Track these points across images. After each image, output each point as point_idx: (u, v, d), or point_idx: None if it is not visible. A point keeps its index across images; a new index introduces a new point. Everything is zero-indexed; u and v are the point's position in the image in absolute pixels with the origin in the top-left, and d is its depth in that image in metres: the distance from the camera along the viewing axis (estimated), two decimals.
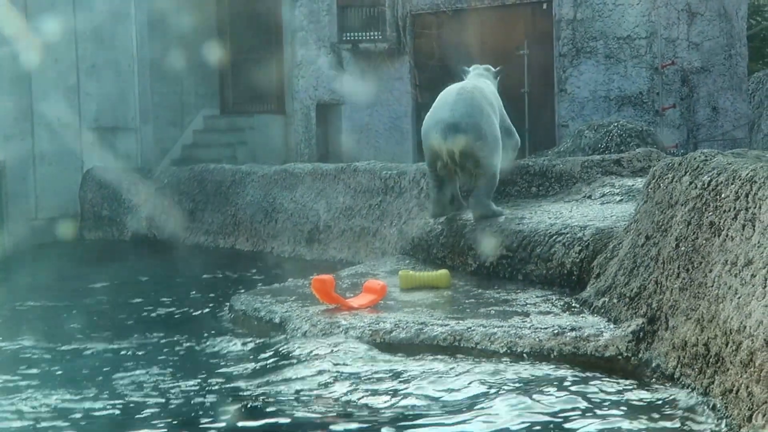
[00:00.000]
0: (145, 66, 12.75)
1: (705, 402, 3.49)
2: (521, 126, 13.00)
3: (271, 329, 5.48)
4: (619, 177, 7.68)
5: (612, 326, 4.53)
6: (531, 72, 13.01)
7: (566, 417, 3.62)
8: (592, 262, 5.57)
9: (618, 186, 7.37)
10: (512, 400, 3.80)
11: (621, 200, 7.01)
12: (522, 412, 3.68)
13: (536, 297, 5.59)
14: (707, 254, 3.79)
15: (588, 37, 12.62)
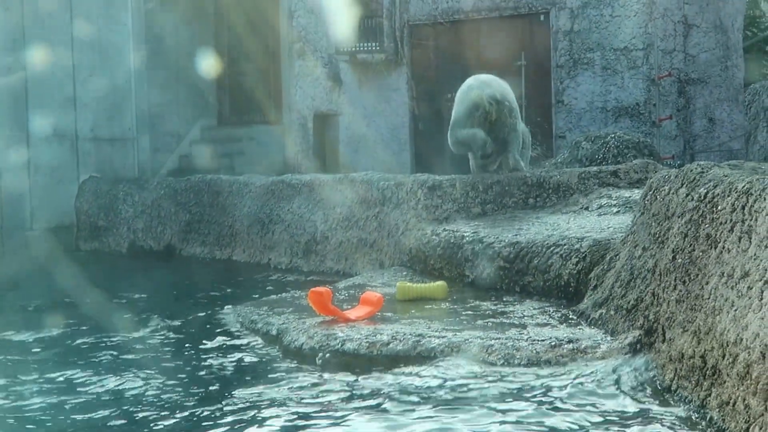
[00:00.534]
0: (142, 76, 12.76)
1: (702, 414, 3.48)
2: None
3: (268, 341, 5.47)
4: (616, 188, 7.69)
5: (609, 338, 4.52)
6: (528, 83, 13.04)
7: (562, 429, 3.61)
8: (590, 274, 5.56)
9: (615, 197, 7.37)
10: (508, 411, 3.79)
11: (618, 212, 7.01)
12: (515, 425, 3.67)
13: (533, 309, 5.59)
14: (704, 266, 3.78)
15: (585, 49, 12.64)
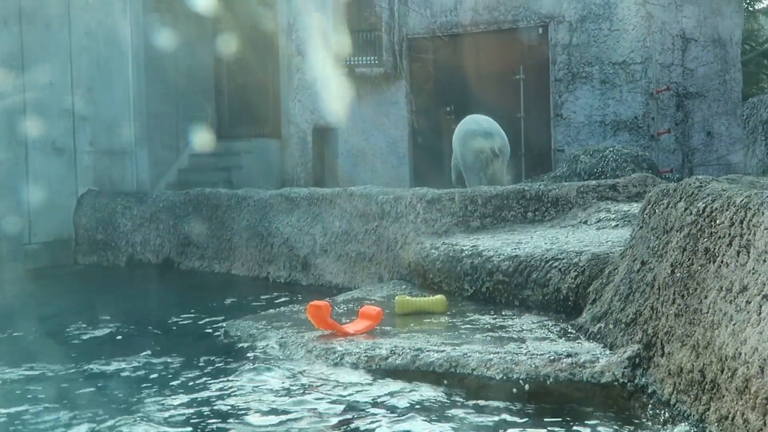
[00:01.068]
0: (141, 89, 12.77)
1: (701, 429, 3.48)
2: (517, 150, 13.08)
3: (266, 355, 5.46)
4: (615, 202, 7.69)
5: (608, 352, 4.52)
6: (527, 97, 13.07)
7: None
8: (588, 288, 5.56)
9: (614, 211, 7.38)
10: (506, 425, 3.79)
11: (617, 225, 7.02)
12: None
13: (532, 323, 5.58)
14: (702, 280, 3.79)
15: (583, 62, 12.67)
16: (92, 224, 11.70)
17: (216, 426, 4.20)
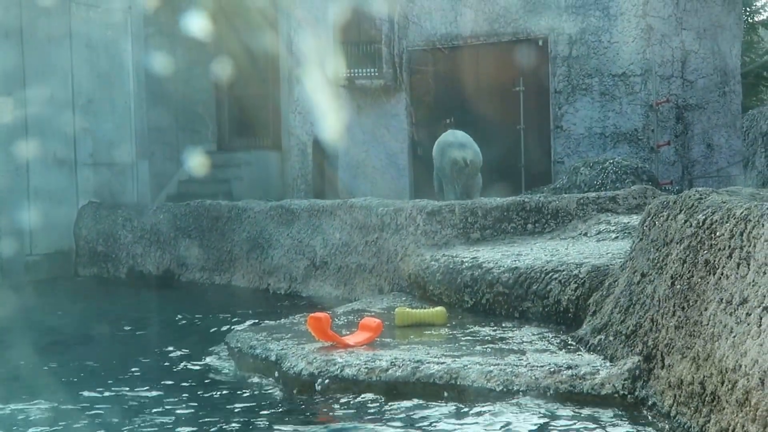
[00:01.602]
0: (142, 101, 12.79)
1: None
2: (517, 162, 13.10)
3: (267, 367, 5.46)
4: (615, 214, 7.70)
5: (608, 364, 4.52)
6: (527, 109, 13.08)
7: None
8: (588, 300, 5.56)
9: (614, 223, 7.39)
10: None
11: (617, 237, 7.03)
12: None
13: (532, 334, 5.59)
14: (702, 292, 3.79)
15: (583, 75, 12.69)
16: (93, 236, 11.70)
17: None
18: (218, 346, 6.43)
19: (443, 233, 7.90)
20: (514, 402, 4.32)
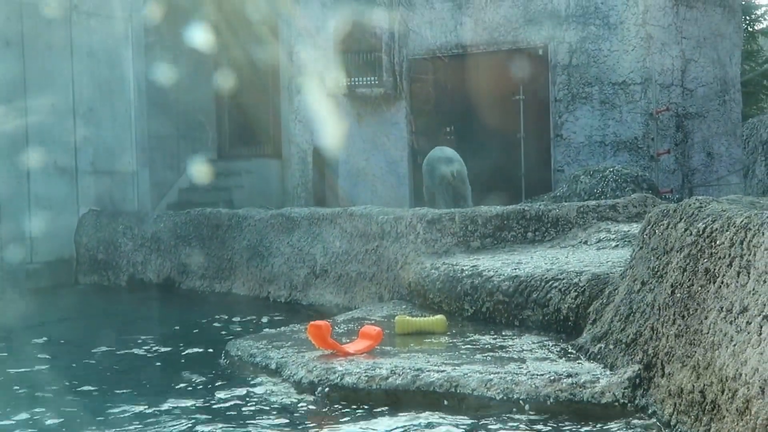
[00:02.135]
0: (142, 110, 12.81)
1: None
2: (517, 171, 13.11)
3: (267, 375, 5.46)
4: (615, 222, 7.70)
5: (608, 372, 4.52)
6: (527, 117, 13.10)
7: None
8: (588, 308, 5.57)
9: (614, 231, 7.39)
10: None
11: (617, 246, 7.03)
12: None
13: (532, 343, 5.59)
14: (702, 301, 3.79)
15: (583, 83, 12.71)
16: (93, 244, 11.70)
17: None
18: (218, 354, 6.43)
19: (443, 241, 7.90)
20: (514, 410, 4.32)
